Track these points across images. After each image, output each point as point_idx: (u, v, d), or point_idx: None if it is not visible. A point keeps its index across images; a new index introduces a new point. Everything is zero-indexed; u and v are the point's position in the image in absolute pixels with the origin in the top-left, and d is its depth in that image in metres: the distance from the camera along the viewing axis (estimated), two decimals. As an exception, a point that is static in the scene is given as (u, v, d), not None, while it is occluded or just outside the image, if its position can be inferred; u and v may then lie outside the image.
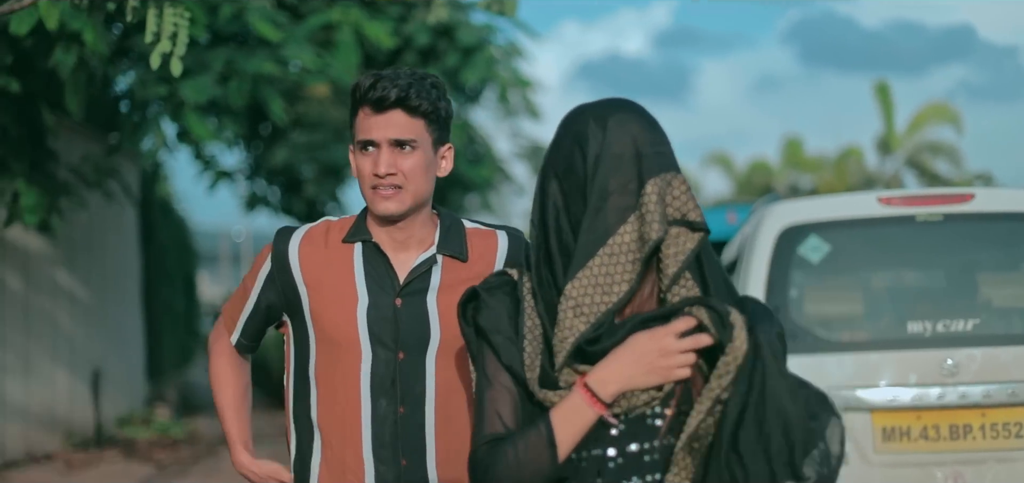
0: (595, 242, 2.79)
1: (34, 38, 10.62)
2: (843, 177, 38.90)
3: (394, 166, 3.50)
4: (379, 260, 3.57)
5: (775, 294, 6.41)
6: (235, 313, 3.77)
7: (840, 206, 6.74)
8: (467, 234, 3.64)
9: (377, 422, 3.53)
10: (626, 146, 2.83)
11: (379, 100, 3.48)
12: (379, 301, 3.54)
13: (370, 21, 14.23)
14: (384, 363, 3.53)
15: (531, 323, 2.85)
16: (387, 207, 3.52)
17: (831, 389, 6.26)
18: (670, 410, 2.83)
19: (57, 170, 12.82)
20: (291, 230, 3.66)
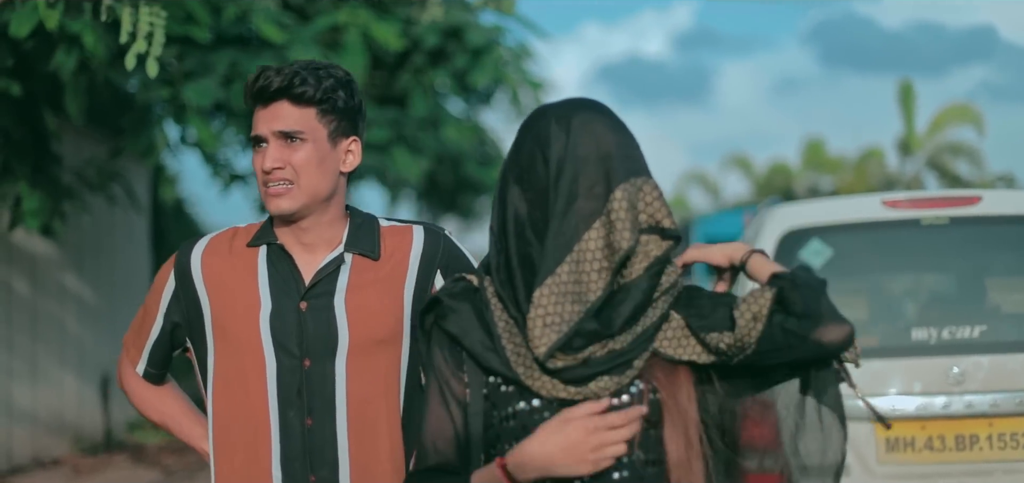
0: (562, 248, 2.68)
1: (35, 40, 10.56)
2: (863, 178, 38.74)
3: (281, 160, 3.30)
4: (284, 263, 3.38)
5: (776, 300, 6.25)
6: (139, 341, 3.57)
7: (843, 209, 6.60)
8: (381, 231, 3.45)
9: (285, 434, 3.32)
10: (591, 148, 2.71)
11: (261, 91, 3.31)
12: (282, 306, 3.35)
13: (378, 22, 14.10)
14: (289, 371, 3.33)
15: (503, 323, 2.74)
16: (279, 204, 3.32)
17: (833, 398, 6.12)
18: (639, 424, 2.72)
19: (60, 174, 12.74)
20: (194, 241, 3.50)
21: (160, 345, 3.52)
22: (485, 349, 2.75)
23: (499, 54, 15.88)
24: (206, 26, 11.99)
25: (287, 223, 3.37)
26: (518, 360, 2.71)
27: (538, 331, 2.66)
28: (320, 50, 13.45)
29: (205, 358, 3.42)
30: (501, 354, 2.73)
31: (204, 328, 3.40)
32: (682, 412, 2.75)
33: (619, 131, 2.75)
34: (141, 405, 3.62)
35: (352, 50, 13.98)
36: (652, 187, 2.73)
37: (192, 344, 3.46)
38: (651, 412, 2.73)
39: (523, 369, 2.71)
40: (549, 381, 2.70)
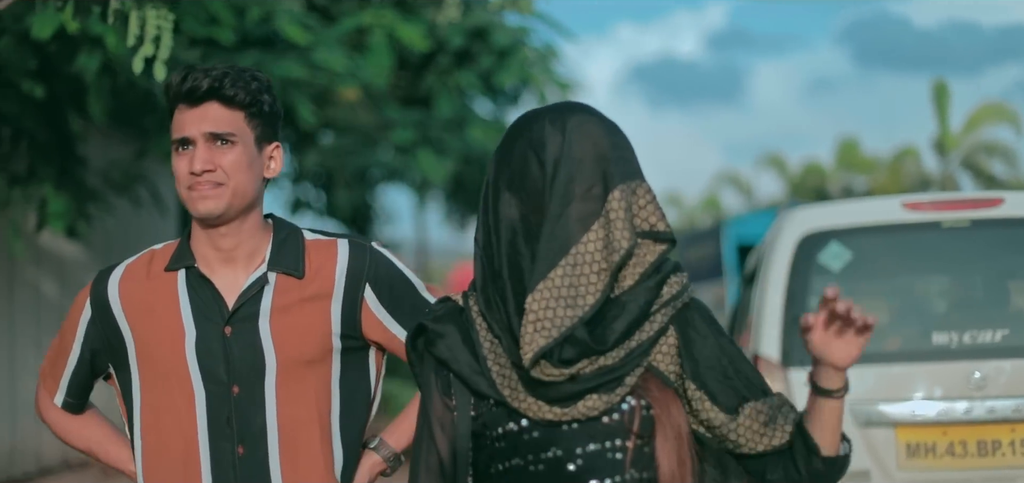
0: (557, 251, 2.59)
1: (58, 43, 10.56)
2: (898, 178, 38.55)
3: (211, 162, 3.18)
4: (204, 287, 3.25)
5: (794, 303, 6.20)
6: (56, 371, 3.44)
7: (863, 212, 6.52)
8: (306, 247, 3.31)
9: (216, 466, 3.20)
10: (587, 149, 2.63)
11: (191, 91, 3.19)
12: (206, 332, 3.22)
13: (404, 23, 14.07)
14: (219, 400, 3.21)
15: (488, 344, 2.66)
16: (206, 206, 3.19)
17: (853, 403, 6.04)
18: (631, 442, 2.64)
19: (85, 176, 12.76)
20: (110, 269, 3.36)
21: (78, 374, 3.40)
22: (473, 372, 2.68)
23: (525, 55, 15.83)
24: (230, 28, 11.99)
25: (206, 235, 3.26)
26: (504, 381, 2.64)
27: (528, 337, 2.57)
28: (345, 51, 13.44)
29: (129, 387, 3.30)
30: (487, 375, 2.66)
31: (127, 357, 3.29)
32: (675, 426, 2.65)
33: (614, 133, 2.68)
34: (63, 435, 3.49)
35: (377, 51, 13.96)
36: (646, 190, 2.65)
37: (115, 372, 3.35)
38: (643, 428, 2.64)
39: (508, 390, 2.64)
40: (535, 402, 2.62)
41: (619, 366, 2.61)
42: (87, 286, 3.36)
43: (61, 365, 3.40)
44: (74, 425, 3.46)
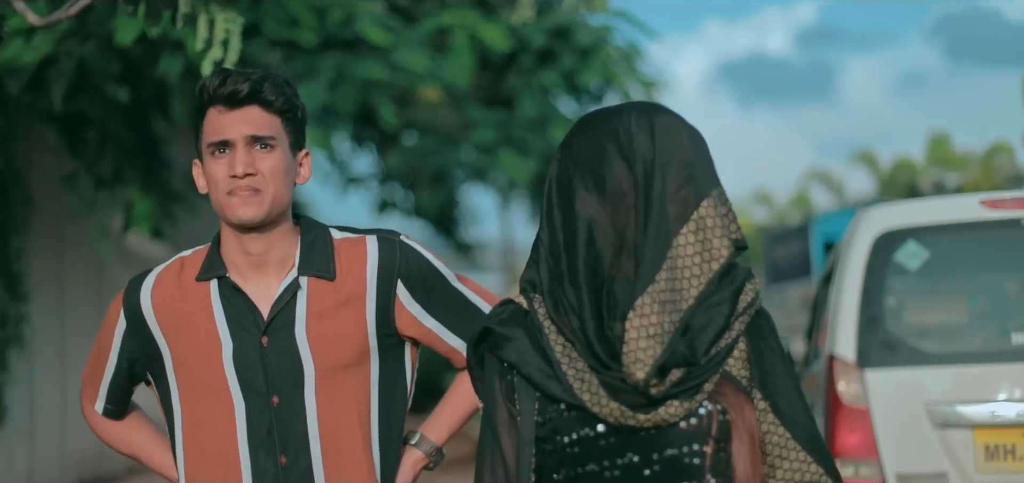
0: (659, 256, 2.54)
1: (141, 47, 10.68)
2: (990, 174, 38.02)
3: (252, 166, 3.15)
4: (238, 298, 3.22)
5: (871, 303, 6.10)
6: (95, 380, 3.42)
7: (940, 210, 6.42)
8: (334, 246, 3.27)
9: (258, 478, 3.18)
10: (675, 151, 2.58)
11: (231, 94, 3.15)
12: (243, 343, 3.19)
13: (485, 24, 14.07)
14: (259, 411, 3.18)
15: (561, 347, 2.59)
16: (245, 213, 3.15)
17: (930, 404, 5.97)
18: (709, 447, 2.60)
19: (169, 178, 12.89)
20: (141, 278, 3.31)
21: (117, 382, 3.38)
22: (545, 376, 2.61)
23: (607, 53, 15.76)
24: (311, 30, 12.05)
25: (237, 240, 3.22)
26: (582, 386, 2.57)
27: (643, 343, 2.51)
28: (427, 52, 13.47)
29: (169, 398, 3.27)
30: (563, 381, 2.58)
31: (165, 369, 3.26)
32: (749, 429, 2.61)
33: (696, 138, 2.63)
34: (106, 439, 3.48)
35: (459, 51, 13.97)
36: (725, 197, 2.62)
37: (153, 380, 3.33)
38: (720, 432, 2.60)
39: (588, 395, 2.57)
40: (618, 407, 2.56)
41: (700, 373, 2.57)
42: (119, 295, 3.33)
43: (99, 372, 3.38)
44: (117, 430, 3.45)
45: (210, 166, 3.19)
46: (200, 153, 3.23)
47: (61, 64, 10.94)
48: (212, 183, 3.19)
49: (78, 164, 12.73)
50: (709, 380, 2.58)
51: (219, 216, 3.22)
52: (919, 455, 5.96)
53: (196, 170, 3.27)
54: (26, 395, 13.12)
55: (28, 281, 12.96)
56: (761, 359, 2.63)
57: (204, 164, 3.21)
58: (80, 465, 14.08)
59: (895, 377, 6.05)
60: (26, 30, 10.47)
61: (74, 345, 14.01)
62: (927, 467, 5.95)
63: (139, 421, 3.47)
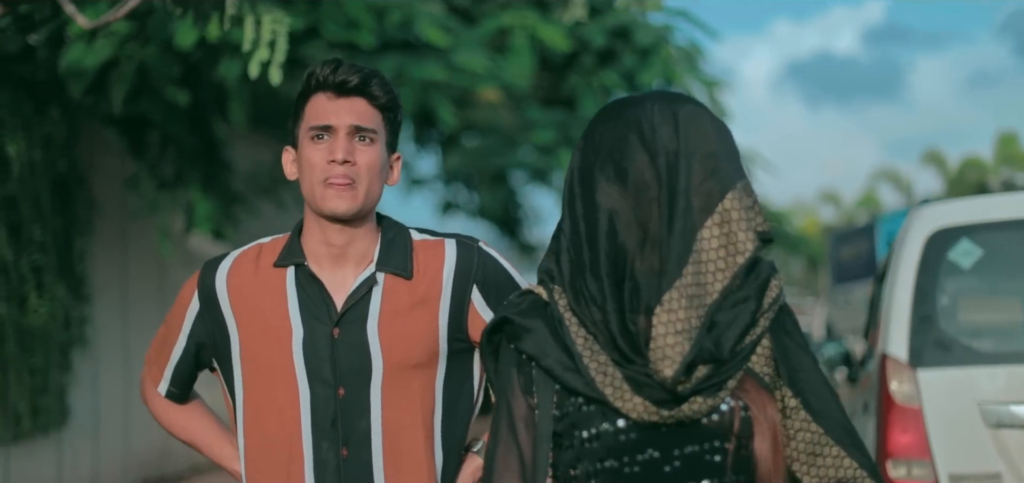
0: (685, 250, 2.49)
1: (200, 50, 10.77)
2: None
3: (352, 155, 3.14)
4: (313, 286, 3.19)
5: (924, 302, 6.03)
6: (161, 360, 3.40)
7: (994, 207, 6.34)
8: (413, 247, 3.25)
9: (319, 468, 3.15)
10: (699, 143, 2.52)
11: (342, 83, 3.15)
12: (314, 332, 3.17)
13: (545, 24, 14.06)
14: (324, 402, 3.15)
15: (582, 340, 2.54)
16: (337, 205, 3.15)
17: (983, 404, 5.89)
18: (731, 444, 2.55)
19: (230, 180, 12.97)
20: (218, 260, 3.30)
21: (183, 365, 3.36)
22: (565, 370, 2.56)
23: (668, 53, 15.72)
24: (370, 31, 12.08)
25: (321, 231, 3.21)
26: (604, 380, 2.53)
27: (672, 340, 2.46)
28: (486, 53, 13.47)
29: (232, 384, 3.26)
30: (585, 374, 2.54)
31: (231, 353, 3.25)
32: (771, 423, 2.56)
33: (720, 129, 2.57)
34: (167, 425, 3.46)
35: (519, 52, 13.97)
36: (751, 190, 2.56)
37: (219, 367, 3.31)
38: (742, 429, 2.55)
39: (611, 390, 2.52)
40: (641, 402, 2.50)
41: (724, 369, 2.53)
42: (194, 276, 3.31)
43: (166, 354, 3.36)
44: (179, 416, 3.44)
45: (308, 150, 3.18)
46: (295, 139, 3.23)
47: (122, 67, 11.05)
48: (308, 167, 3.18)
49: (140, 166, 12.84)
50: (733, 377, 2.53)
51: (309, 203, 3.21)
52: (972, 455, 5.88)
53: (287, 157, 3.27)
54: (90, 396, 13.23)
55: (91, 283, 13.07)
56: (787, 355, 2.60)
57: (301, 148, 3.20)
58: (144, 466, 14.19)
59: (948, 376, 5.97)
60: (88, 34, 10.58)
61: (137, 346, 14.11)
62: (980, 468, 5.87)
63: (201, 410, 3.47)
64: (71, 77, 11.08)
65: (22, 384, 11.89)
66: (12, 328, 11.66)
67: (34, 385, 12.07)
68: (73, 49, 10.70)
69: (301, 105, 3.21)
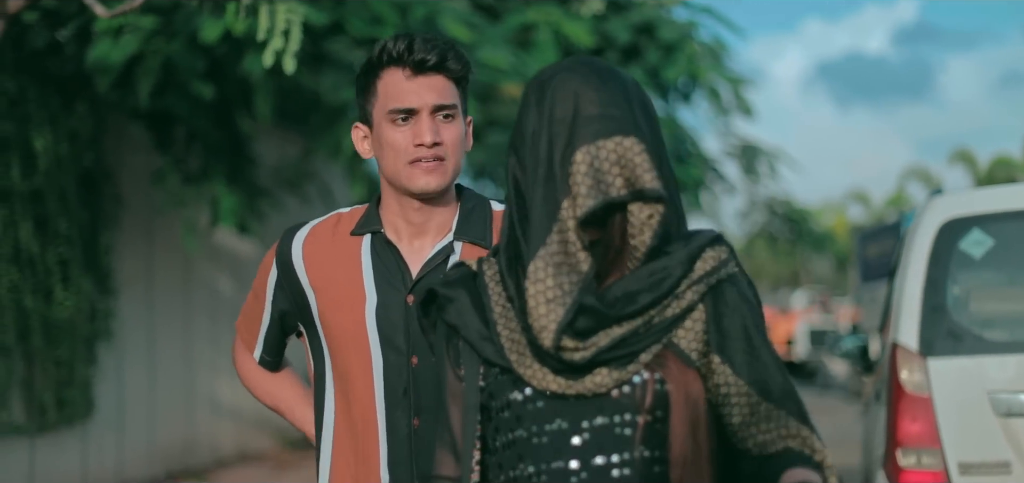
0: (549, 217, 2.42)
1: (225, 45, 10.83)
2: (1091, 172, 37.44)
3: (438, 135, 3.09)
4: (388, 253, 3.17)
5: (934, 292, 6.05)
6: (253, 328, 3.40)
7: (1005, 198, 6.34)
8: (493, 217, 3.19)
9: (392, 435, 3.12)
10: (566, 110, 2.44)
11: (420, 62, 3.09)
12: (388, 299, 3.12)
13: (569, 20, 14.09)
14: (396, 369, 3.11)
15: (500, 309, 2.51)
16: (429, 182, 3.11)
17: (993, 393, 5.91)
18: (642, 418, 2.44)
19: (255, 174, 13.03)
20: (296, 228, 3.29)
21: (272, 333, 3.35)
22: (481, 338, 2.53)
23: (692, 49, 15.72)
24: (394, 27, 12.13)
25: (400, 206, 3.18)
26: (512, 346, 2.48)
27: (543, 309, 2.40)
28: (510, 49, 13.50)
29: (319, 348, 3.24)
30: (495, 341, 2.51)
31: (313, 319, 3.22)
32: (691, 405, 2.46)
33: (603, 88, 2.46)
34: (255, 389, 3.46)
35: (543, 48, 14.00)
36: (632, 144, 2.43)
37: (305, 332, 3.29)
38: (656, 404, 2.44)
39: (515, 356, 2.48)
40: (540, 370, 2.46)
41: (635, 340, 2.44)
42: (274, 246, 3.30)
43: (256, 323, 3.36)
44: (267, 381, 3.45)
45: (390, 133, 3.13)
46: (367, 117, 3.19)
47: (148, 62, 11.12)
48: (392, 150, 3.13)
49: (166, 161, 12.92)
50: (646, 349, 2.44)
51: (393, 182, 3.17)
52: (982, 444, 5.90)
53: (358, 133, 3.23)
54: (115, 388, 13.33)
55: (117, 276, 13.17)
56: (720, 324, 2.48)
57: (380, 129, 3.16)
58: (168, 459, 14.28)
59: (958, 366, 5.99)
60: (114, 30, 10.67)
61: (162, 339, 14.21)
62: (990, 456, 5.88)
63: (290, 378, 3.47)
64: (97, 72, 11.17)
65: (48, 376, 12.01)
66: (38, 321, 11.76)
67: (60, 377, 12.18)
68: (100, 44, 10.79)
69: (372, 81, 3.16)
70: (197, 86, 11.40)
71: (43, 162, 11.72)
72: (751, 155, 22.99)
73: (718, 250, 2.50)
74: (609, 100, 2.46)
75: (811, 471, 2.44)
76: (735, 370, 2.47)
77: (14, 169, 11.43)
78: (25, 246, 11.56)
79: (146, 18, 10.60)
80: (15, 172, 11.43)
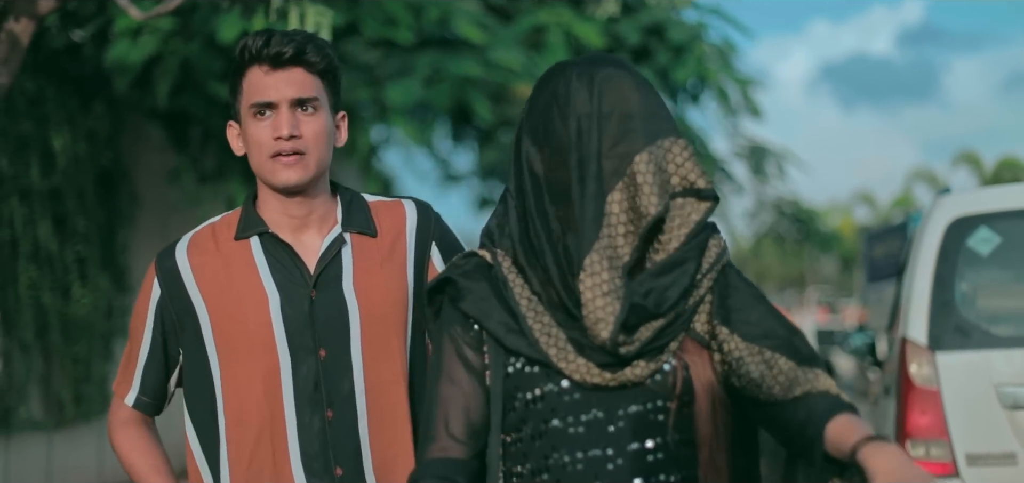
0: (598, 213, 2.49)
1: (242, 45, 10.96)
2: (1097, 174, 37.54)
3: (297, 128, 3.07)
4: (281, 251, 3.13)
5: (943, 288, 6.19)
6: (129, 366, 3.24)
7: (1011, 196, 6.48)
8: (371, 207, 3.24)
9: (304, 433, 3.08)
10: (614, 105, 2.52)
11: (276, 56, 3.07)
12: (292, 296, 3.10)
13: (580, 21, 14.23)
14: (306, 366, 3.08)
15: (526, 302, 2.55)
16: (288, 176, 3.08)
17: (1000, 386, 6.05)
18: (673, 404, 2.54)
19: (270, 173, 13.16)
20: (171, 246, 3.19)
21: (152, 364, 3.21)
22: (508, 331, 2.55)
23: (702, 51, 15.83)
24: (408, 28, 12.28)
25: (279, 203, 3.16)
26: (548, 341, 2.53)
27: (600, 302, 2.46)
28: (522, 50, 13.63)
29: (204, 364, 3.15)
30: (528, 335, 2.53)
31: (201, 332, 3.14)
32: (710, 389, 2.56)
33: (643, 89, 2.54)
34: (118, 450, 3.29)
35: (554, 49, 14.11)
36: (682, 147, 2.52)
37: (185, 353, 3.18)
38: (684, 390, 2.54)
39: (554, 351, 2.52)
40: (584, 364, 2.51)
41: (667, 331, 2.52)
42: (149, 269, 3.22)
43: (134, 359, 3.23)
44: (132, 446, 3.27)
45: (252, 128, 3.11)
46: (237, 114, 3.16)
47: (166, 63, 11.26)
48: (254, 145, 3.12)
49: (182, 160, 13.05)
50: (675, 339, 2.53)
51: (260, 178, 3.16)
52: (988, 436, 6.03)
53: (231, 132, 3.20)
54: (131, 385, 13.44)
55: (133, 274, 13.29)
56: (726, 301, 2.58)
57: (244, 125, 3.14)
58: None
59: (966, 360, 6.13)
60: (133, 31, 10.81)
61: (178, 336, 14.34)
62: (996, 448, 6.02)
63: (159, 452, 3.27)
64: (116, 72, 11.31)
65: (65, 372, 12.15)
66: (56, 317, 11.90)
67: (77, 373, 12.31)
68: (118, 45, 10.94)
69: (238, 80, 3.15)
70: (214, 86, 11.53)
71: (62, 161, 11.86)
72: (759, 156, 23.11)
73: (717, 239, 2.60)
74: (655, 101, 2.55)
75: (852, 414, 2.46)
76: (742, 336, 2.55)
77: (33, 168, 11.57)
78: (44, 244, 11.71)
79: (165, 19, 10.74)
80: (34, 171, 11.58)
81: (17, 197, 11.40)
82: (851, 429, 2.39)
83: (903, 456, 2.31)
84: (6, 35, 5.13)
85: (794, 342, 2.57)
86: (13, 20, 5.13)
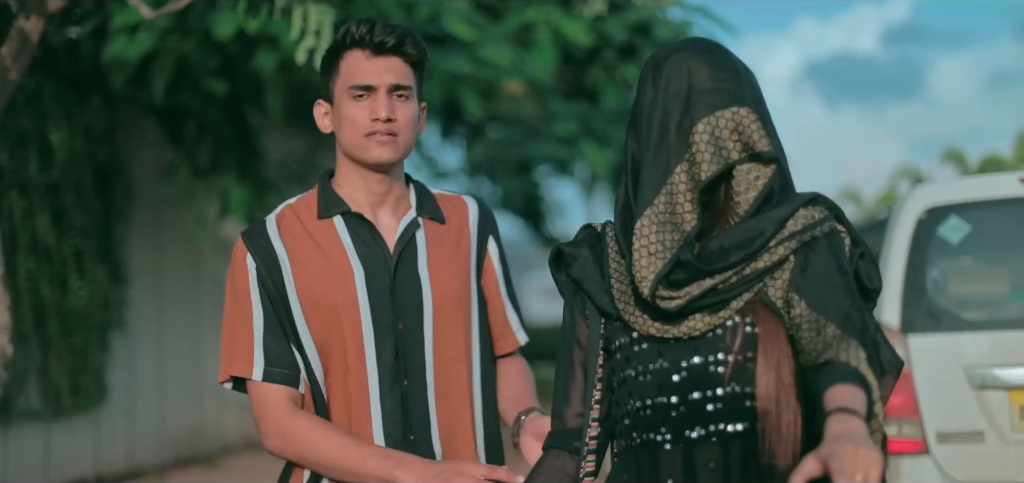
0: (658, 180, 2.71)
1: (238, 42, 11.10)
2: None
3: (393, 112, 3.33)
4: (365, 229, 3.38)
5: (915, 274, 6.42)
6: (241, 344, 3.32)
7: (981, 187, 6.72)
8: (437, 197, 3.52)
9: (385, 400, 3.29)
10: (680, 85, 2.74)
11: (379, 44, 3.33)
12: (375, 271, 3.33)
13: (568, 19, 14.36)
14: (388, 337, 3.30)
15: (615, 265, 2.82)
16: (382, 153, 3.33)
17: (968, 368, 6.27)
18: (732, 357, 2.73)
19: (263, 168, 13.29)
20: (260, 224, 3.40)
21: (272, 331, 3.30)
22: (600, 291, 2.83)
23: (687, 49, 15.90)
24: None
25: (362, 180, 3.38)
26: (620, 296, 2.78)
27: (645, 261, 2.68)
28: (511, 47, 13.77)
29: (298, 338, 3.31)
30: (609, 293, 2.80)
31: (290, 305, 3.30)
32: (777, 348, 2.70)
33: (714, 65, 2.74)
34: (294, 438, 3.28)
35: (543, 47, 14.22)
36: (745, 114, 2.69)
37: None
38: (745, 345, 2.72)
39: (623, 305, 2.77)
40: (641, 316, 2.75)
41: (727, 290, 2.70)
42: (237, 247, 3.35)
43: (247, 333, 3.31)
44: (307, 427, 3.28)
45: (349, 108, 3.34)
46: (329, 94, 3.39)
47: (162, 59, 11.38)
48: (350, 124, 3.35)
49: (177, 155, 13.17)
50: (738, 297, 2.70)
51: (350, 154, 3.37)
52: (958, 415, 6.26)
53: (319, 110, 3.42)
54: (126, 376, 13.55)
55: (129, 267, 13.42)
56: (805, 270, 2.69)
57: (341, 105, 3.36)
58: (177, 445, 14.52)
59: (936, 343, 6.35)
60: (130, 27, 10.96)
61: (171, 328, 14.44)
62: (965, 426, 6.24)
63: (329, 423, 3.32)
64: (113, 69, 11.44)
65: (63, 363, 12.26)
66: (54, 309, 12.01)
67: (74, 364, 12.41)
68: (116, 42, 11.07)
69: (335, 61, 3.39)
70: (210, 82, 11.66)
71: (59, 156, 11.97)
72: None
73: (812, 210, 2.74)
74: (721, 74, 2.74)
75: (855, 386, 2.49)
76: (808, 302, 2.65)
77: (32, 162, 11.69)
78: (42, 237, 11.82)
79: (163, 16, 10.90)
80: (33, 165, 11.69)
81: (16, 191, 11.53)
82: (834, 397, 2.46)
83: (854, 427, 2.36)
84: (16, 32, 5.35)
85: (851, 315, 2.61)
86: (24, 18, 5.34)
